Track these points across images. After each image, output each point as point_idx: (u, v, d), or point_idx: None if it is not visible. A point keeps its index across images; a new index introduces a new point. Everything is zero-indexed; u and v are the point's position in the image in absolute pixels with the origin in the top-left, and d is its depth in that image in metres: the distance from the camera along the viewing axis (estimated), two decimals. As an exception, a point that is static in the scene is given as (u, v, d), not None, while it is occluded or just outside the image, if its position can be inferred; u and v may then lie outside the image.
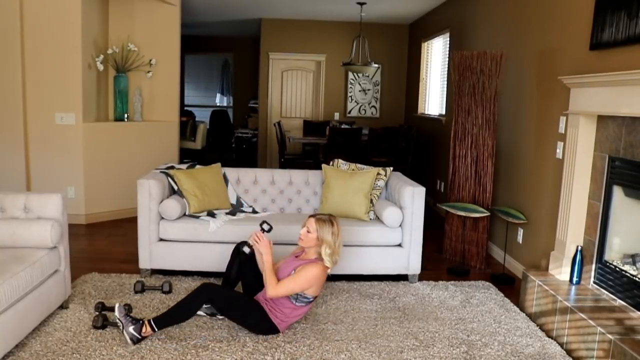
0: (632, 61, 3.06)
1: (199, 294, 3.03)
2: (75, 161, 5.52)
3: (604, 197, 3.35)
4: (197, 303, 3.04)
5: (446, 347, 3.09)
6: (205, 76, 14.04)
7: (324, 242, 3.10)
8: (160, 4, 6.24)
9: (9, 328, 2.66)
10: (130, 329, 2.96)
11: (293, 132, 9.01)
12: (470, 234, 4.74)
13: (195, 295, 3.03)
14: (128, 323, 2.97)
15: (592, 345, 2.87)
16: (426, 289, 4.01)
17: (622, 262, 3.27)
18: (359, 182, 4.25)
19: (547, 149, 4.08)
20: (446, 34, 6.91)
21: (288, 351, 2.97)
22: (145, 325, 2.98)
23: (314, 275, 3.07)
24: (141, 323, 2.98)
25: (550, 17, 4.11)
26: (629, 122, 3.09)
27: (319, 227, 3.11)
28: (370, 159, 6.56)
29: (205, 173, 4.37)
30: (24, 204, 3.22)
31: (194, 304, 3.04)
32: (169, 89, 6.43)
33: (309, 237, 3.13)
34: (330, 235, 3.10)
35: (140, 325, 2.97)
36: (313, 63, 9.30)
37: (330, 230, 3.11)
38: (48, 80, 5.37)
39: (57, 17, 5.31)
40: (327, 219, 3.16)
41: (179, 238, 4.00)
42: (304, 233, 3.15)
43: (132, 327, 2.96)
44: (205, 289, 3.04)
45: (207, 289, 3.05)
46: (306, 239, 3.15)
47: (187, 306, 3.04)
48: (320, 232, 3.11)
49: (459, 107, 4.74)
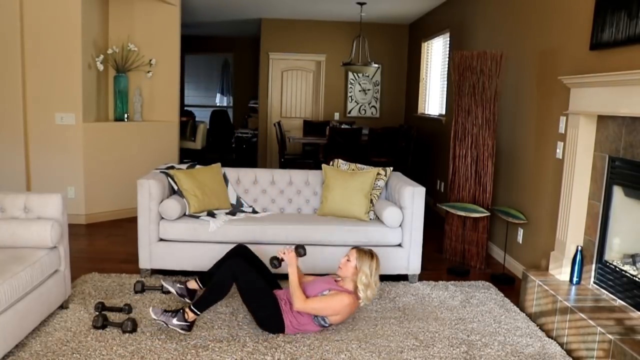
0: (632, 61, 3.06)
1: (226, 269, 3.10)
2: (75, 161, 5.52)
3: (604, 197, 3.35)
4: (226, 279, 3.09)
5: (446, 347, 3.09)
6: (205, 76, 14.04)
7: (361, 271, 3.16)
8: (160, 4, 6.24)
9: (9, 328, 2.66)
10: (174, 321, 3.04)
11: (293, 132, 9.01)
12: (470, 234, 4.74)
13: (224, 272, 3.10)
14: (169, 318, 3.05)
15: (592, 345, 2.87)
16: (426, 289, 4.01)
17: (622, 262, 3.27)
18: (359, 182, 4.25)
19: (547, 149, 4.08)
20: (446, 34, 6.91)
21: (288, 351, 2.97)
22: (187, 313, 3.06)
23: (344, 305, 3.14)
24: (182, 311, 3.06)
25: (550, 17, 4.11)
26: (629, 122, 3.09)
27: (358, 257, 3.20)
28: (370, 159, 6.56)
29: (205, 173, 4.37)
30: (24, 204, 3.22)
31: (225, 281, 3.09)
32: (169, 89, 6.43)
33: (348, 265, 3.21)
34: (367, 266, 3.17)
35: (182, 314, 3.05)
36: (313, 63, 9.30)
37: (369, 262, 3.19)
38: (48, 80, 5.37)
39: (57, 17, 5.31)
40: (368, 251, 3.25)
41: (179, 238, 4.00)
42: (344, 262, 3.24)
43: (175, 319, 3.04)
44: (233, 264, 3.12)
45: (235, 264, 3.12)
46: (345, 268, 3.22)
47: (220, 284, 3.09)
48: (359, 262, 3.18)
49: (459, 107, 4.74)
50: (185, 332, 3.07)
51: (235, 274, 3.08)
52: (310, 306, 3.09)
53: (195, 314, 3.07)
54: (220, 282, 3.10)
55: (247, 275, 3.11)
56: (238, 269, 3.10)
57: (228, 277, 3.09)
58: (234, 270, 3.09)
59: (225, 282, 3.09)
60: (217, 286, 3.10)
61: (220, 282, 3.10)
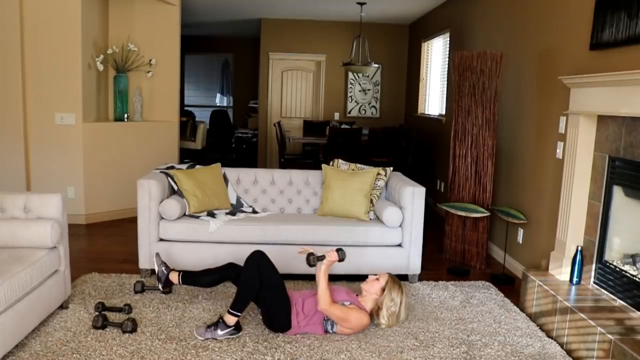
0: (632, 61, 3.06)
1: (251, 261, 3.12)
2: (75, 161, 5.52)
3: (604, 197, 3.35)
4: (252, 272, 3.08)
5: (446, 347, 3.09)
6: (205, 76, 14.03)
7: (387, 297, 3.20)
8: (160, 4, 6.24)
9: (9, 328, 2.66)
10: (219, 332, 3.05)
11: (293, 132, 9.01)
12: (470, 234, 4.74)
13: (249, 265, 3.11)
14: (214, 332, 3.06)
15: (592, 346, 2.87)
16: (426, 289, 4.01)
17: (622, 262, 3.27)
18: (359, 182, 4.25)
19: (547, 149, 4.08)
20: (446, 34, 6.92)
21: (288, 351, 2.97)
22: (227, 317, 3.07)
23: (362, 324, 3.18)
24: (221, 320, 3.08)
25: (550, 17, 4.11)
26: (629, 122, 3.09)
27: (390, 282, 3.23)
28: (370, 159, 6.56)
29: (205, 173, 4.36)
30: (24, 204, 3.22)
31: (253, 275, 3.08)
32: (169, 89, 6.43)
33: (375, 284, 3.26)
34: (396, 293, 3.22)
35: (223, 322, 3.07)
36: (313, 63, 9.30)
37: (399, 291, 3.23)
38: (48, 81, 5.37)
39: (57, 17, 5.31)
40: (400, 284, 3.28)
41: (179, 238, 4.00)
42: (372, 279, 3.30)
43: (219, 330, 3.05)
44: (256, 256, 3.14)
45: (259, 256, 3.14)
46: (371, 284, 3.27)
47: (248, 279, 3.08)
48: (389, 287, 3.21)
49: (459, 107, 4.74)
50: (235, 335, 3.08)
51: (260, 265, 3.11)
52: (333, 311, 3.09)
53: (235, 316, 3.06)
54: (248, 276, 3.09)
55: (269, 268, 3.14)
56: (262, 261, 3.12)
57: (254, 269, 3.09)
58: (259, 261, 3.11)
59: (253, 276, 3.08)
60: (247, 283, 3.08)
61: (248, 277, 3.09)
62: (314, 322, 3.16)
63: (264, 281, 3.09)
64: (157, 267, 3.53)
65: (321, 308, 3.09)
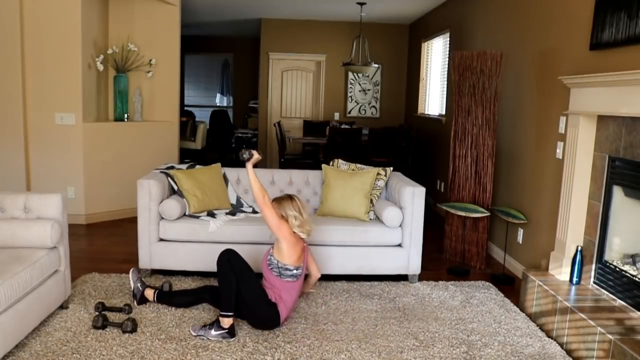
0: (632, 61, 3.06)
1: (222, 259, 3.13)
2: (75, 161, 5.52)
3: (604, 197, 3.35)
4: (225, 269, 3.10)
5: (446, 347, 3.09)
6: (205, 76, 14.03)
7: (288, 217, 3.25)
8: (160, 4, 6.24)
9: (9, 328, 2.66)
10: (213, 332, 3.07)
11: (293, 132, 9.01)
12: (470, 234, 4.74)
13: (221, 265, 3.12)
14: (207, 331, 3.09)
15: (592, 346, 2.87)
16: (426, 289, 4.01)
17: (622, 262, 3.27)
18: (359, 182, 4.25)
19: (547, 149, 4.08)
20: (446, 34, 6.91)
21: (288, 351, 2.97)
22: (221, 320, 3.08)
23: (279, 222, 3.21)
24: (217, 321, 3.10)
25: (550, 17, 4.11)
26: (629, 122, 3.09)
27: (278, 205, 3.27)
28: (370, 159, 6.56)
29: (205, 173, 4.37)
30: (24, 204, 3.22)
31: (226, 272, 3.10)
32: (169, 89, 6.43)
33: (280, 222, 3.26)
34: (292, 209, 3.26)
35: (217, 323, 3.09)
36: (313, 63, 9.30)
37: (291, 204, 3.28)
38: (48, 80, 5.37)
39: (57, 17, 5.31)
40: (285, 196, 3.35)
41: (179, 238, 4.00)
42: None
43: (212, 330, 3.07)
44: (225, 253, 3.16)
45: (227, 252, 3.17)
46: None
47: (224, 278, 3.10)
48: (282, 209, 3.26)
49: (459, 107, 4.74)
50: (228, 339, 3.06)
51: (230, 259, 3.14)
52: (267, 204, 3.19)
53: (227, 317, 3.07)
54: (222, 273, 3.11)
55: (241, 261, 3.18)
56: (231, 256, 3.15)
57: (226, 266, 3.11)
58: (229, 257, 3.14)
59: (227, 272, 3.10)
60: (224, 279, 3.10)
61: (222, 274, 3.11)
62: (274, 282, 3.21)
63: (236, 272, 3.12)
64: (133, 283, 3.55)
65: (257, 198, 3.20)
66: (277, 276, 3.23)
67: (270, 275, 3.25)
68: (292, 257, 3.23)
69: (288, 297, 3.25)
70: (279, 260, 3.23)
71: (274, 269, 3.23)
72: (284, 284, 3.23)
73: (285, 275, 3.23)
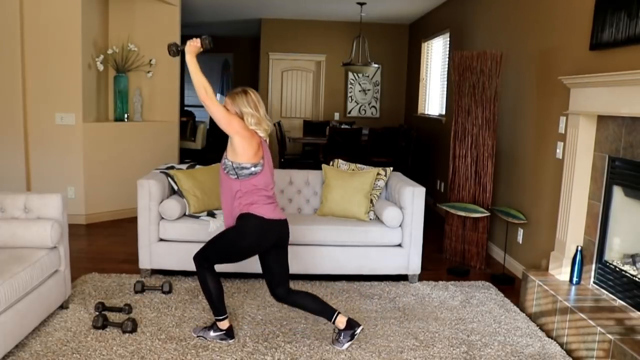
0: (632, 61, 3.06)
1: (195, 264, 2.98)
2: (75, 161, 5.52)
3: (604, 197, 3.35)
4: (201, 272, 2.97)
5: (446, 347, 3.09)
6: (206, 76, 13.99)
7: (244, 114, 2.97)
8: (160, 4, 6.24)
9: (9, 328, 2.67)
10: (211, 333, 3.09)
11: (293, 132, 9.02)
12: (470, 234, 4.74)
13: (197, 269, 2.99)
14: (206, 332, 3.12)
15: (592, 345, 2.87)
16: (426, 289, 4.01)
17: (622, 262, 3.27)
18: (359, 182, 4.25)
19: (547, 149, 4.08)
20: (446, 34, 6.91)
21: (288, 351, 2.97)
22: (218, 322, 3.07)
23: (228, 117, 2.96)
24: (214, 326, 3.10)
25: (550, 17, 4.11)
26: (629, 122, 3.09)
27: (232, 102, 2.98)
28: (370, 159, 6.56)
29: (205, 173, 4.36)
30: (24, 204, 3.22)
31: (203, 275, 2.97)
32: (169, 89, 6.43)
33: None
34: (246, 105, 2.96)
35: (216, 325, 3.08)
36: (313, 63, 9.31)
37: (245, 99, 2.96)
38: (48, 81, 5.36)
39: (57, 17, 5.31)
40: (239, 90, 3.01)
41: (179, 238, 4.00)
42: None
43: (211, 332, 3.10)
44: (195, 257, 2.99)
45: (195, 256, 2.99)
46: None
47: (203, 282, 2.98)
48: (236, 107, 2.97)
49: (459, 107, 4.74)
50: (226, 341, 3.05)
51: (205, 255, 2.97)
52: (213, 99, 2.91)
53: (221, 320, 3.05)
54: (202, 279, 2.98)
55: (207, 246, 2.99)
56: (201, 254, 2.98)
57: (201, 270, 2.97)
58: (199, 260, 2.97)
59: (204, 275, 2.97)
60: (204, 285, 2.99)
61: (202, 279, 2.98)
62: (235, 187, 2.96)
63: (220, 254, 2.99)
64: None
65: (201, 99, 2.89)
66: (236, 178, 2.94)
67: (229, 180, 2.97)
68: (247, 154, 2.94)
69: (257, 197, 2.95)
70: (233, 161, 2.95)
71: (230, 171, 2.96)
72: (244, 184, 2.93)
73: (243, 174, 2.93)
